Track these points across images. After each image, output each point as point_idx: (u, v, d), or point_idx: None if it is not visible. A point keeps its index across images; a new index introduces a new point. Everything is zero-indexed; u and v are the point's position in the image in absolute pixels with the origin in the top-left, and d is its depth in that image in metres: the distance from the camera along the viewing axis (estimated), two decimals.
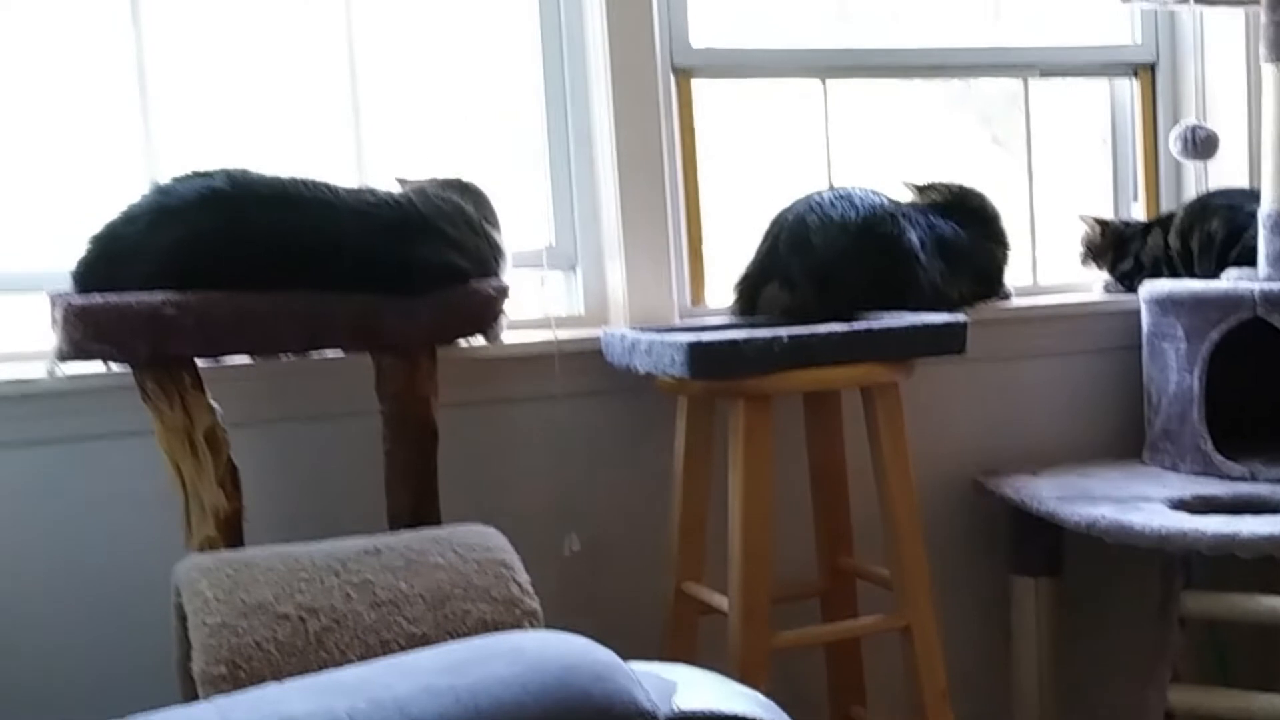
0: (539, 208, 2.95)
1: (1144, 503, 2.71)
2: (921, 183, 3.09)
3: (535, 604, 2.15)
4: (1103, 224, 3.29)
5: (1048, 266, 3.44)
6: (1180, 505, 2.72)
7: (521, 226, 2.87)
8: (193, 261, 2.27)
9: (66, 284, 2.30)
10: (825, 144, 3.18)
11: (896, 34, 3.26)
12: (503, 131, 2.97)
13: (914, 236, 2.86)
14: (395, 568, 2.13)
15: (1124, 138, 3.52)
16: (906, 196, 3.06)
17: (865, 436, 2.64)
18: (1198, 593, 2.74)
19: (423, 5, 2.89)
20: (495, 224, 2.64)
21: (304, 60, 2.82)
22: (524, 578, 2.18)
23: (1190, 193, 3.39)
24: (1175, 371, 2.95)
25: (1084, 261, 3.31)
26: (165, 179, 2.38)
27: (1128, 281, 3.23)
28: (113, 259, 2.29)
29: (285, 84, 2.81)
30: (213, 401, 2.33)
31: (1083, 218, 3.30)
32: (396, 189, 2.62)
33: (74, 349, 2.24)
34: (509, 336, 2.67)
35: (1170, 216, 3.23)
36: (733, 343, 2.42)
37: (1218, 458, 2.89)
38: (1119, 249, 3.27)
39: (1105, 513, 2.65)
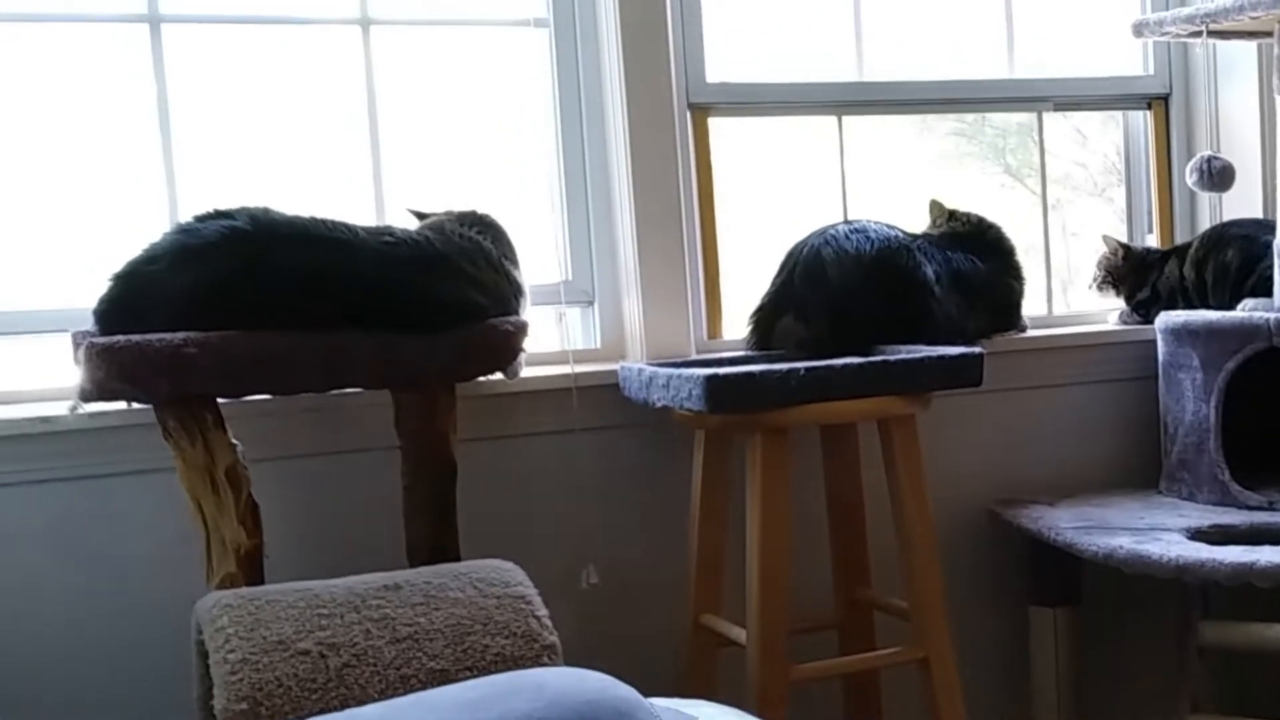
0: (556, 243, 2.97)
1: (1162, 533, 2.71)
2: (948, 205, 3.11)
3: (554, 639, 2.16)
4: (1125, 248, 3.30)
5: (1062, 297, 3.44)
6: (1198, 535, 2.72)
7: (539, 262, 2.89)
8: (214, 301, 2.29)
9: (89, 323, 2.32)
10: (841, 177, 3.19)
11: (910, 68, 3.27)
12: (520, 167, 2.99)
13: (929, 270, 2.87)
14: (415, 603, 2.14)
15: (1138, 169, 3.53)
16: (927, 219, 3.09)
17: (882, 468, 2.65)
18: (1216, 622, 2.75)
19: (441, 44, 2.92)
20: (513, 259, 2.66)
21: (323, 98, 2.84)
22: (543, 612, 2.18)
23: (1205, 224, 3.39)
24: (1191, 401, 2.96)
25: (1100, 286, 3.30)
26: (187, 218, 2.40)
27: (1143, 311, 3.24)
28: (135, 298, 2.30)
29: (305, 122, 2.84)
30: (233, 439, 2.35)
31: (1106, 238, 3.30)
32: (412, 221, 2.65)
33: (97, 388, 2.25)
34: (527, 371, 2.69)
35: (1188, 246, 3.24)
36: (750, 376, 2.44)
37: (1235, 487, 2.89)
38: (1138, 277, 3.28)
39: (1123, 543, 2.65)
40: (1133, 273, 3.28)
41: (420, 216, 2.67)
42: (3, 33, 2.66)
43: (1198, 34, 3.05)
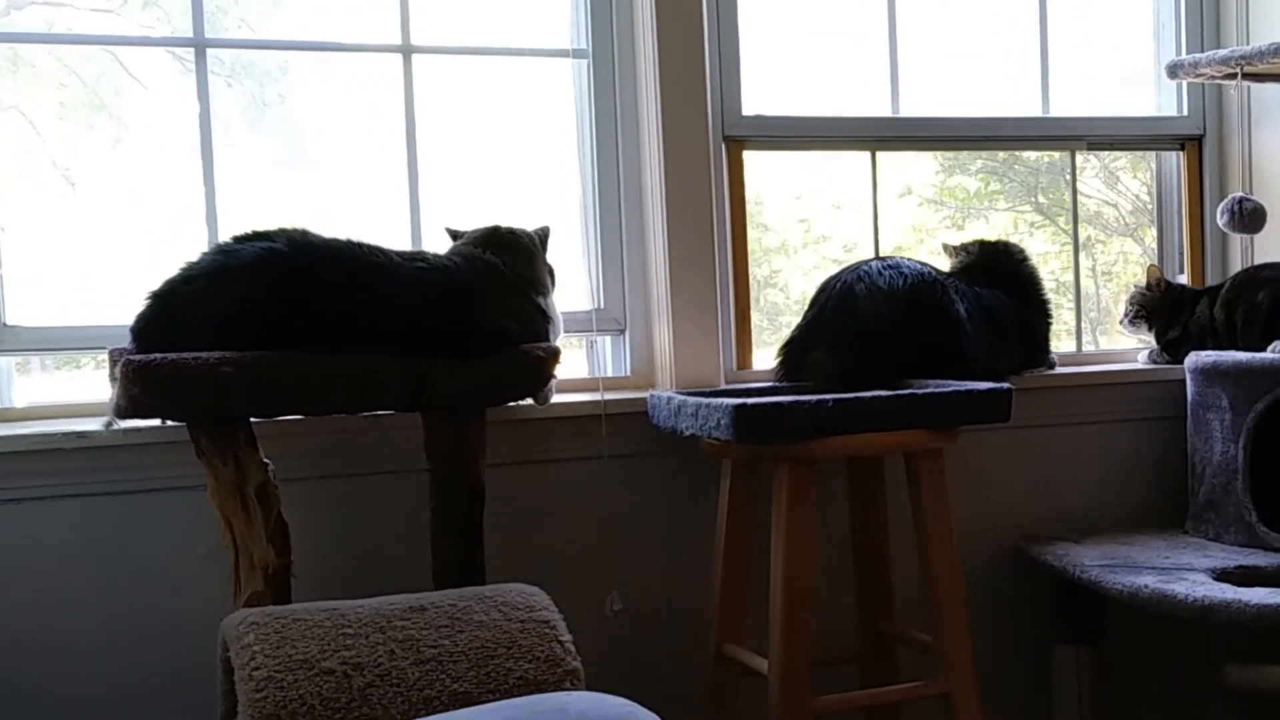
0: (589, 272, 3.00)
1: (1187, 572, 2.71)
2: (955, 243, 3.11)
3: (577, 664, 2.17)
4: (1166, 282, 3.29)
5: (1091, 335, 3.44)
6: (1223, 576, 2.71)
7: (571, 290, 2.92)
8: (250, 321, 2.32)
9: (126, 340, 2.35)
10: (873, 213, 3.21)
11: (945, 105, 3.28)
12: (554, 196, 3.01)
13: (961, 307, 2.87)
14: (439, 625, 2.15)
15: (1169, 209, 3.53)
16: (943, 263, 3.09)
17: (908, 501, 2.65)
18: (1241, 664, 2.73)
19: (480, 73, 2.95)
20: (534, 280, 2.65)
21: (363, 123, 2.88)
22: (567, 637, 2.20)
23: (1236, 265, 3.39)
24: (1220, 442, 2.95)
25: (1133, 321, 3.29)
26: (226, 238, 2.43)
27: (1173, 350, 3.23)
28: (172, 317, 2.33)
29: (344, 145, 2.87)
30: (265, 458, 2.37)
31: (1150, 268, 3.29)
32: (447, 240, 2.67)
33: (132, 404, 2.28)
34: (557, 398, 2.71)
35: (1219, 288, 3.24)
36: (778, 406, 2.44)
37: (1262, 529, 2.89)
38: (1171, 314, 3.27)
39: (1148, 582, 2.64)
40: (1167, 309, 3.27)
41: (455, 235, 2.69)
42: (52, 54, 2.71)
43: (1232, 76, 3.06)
